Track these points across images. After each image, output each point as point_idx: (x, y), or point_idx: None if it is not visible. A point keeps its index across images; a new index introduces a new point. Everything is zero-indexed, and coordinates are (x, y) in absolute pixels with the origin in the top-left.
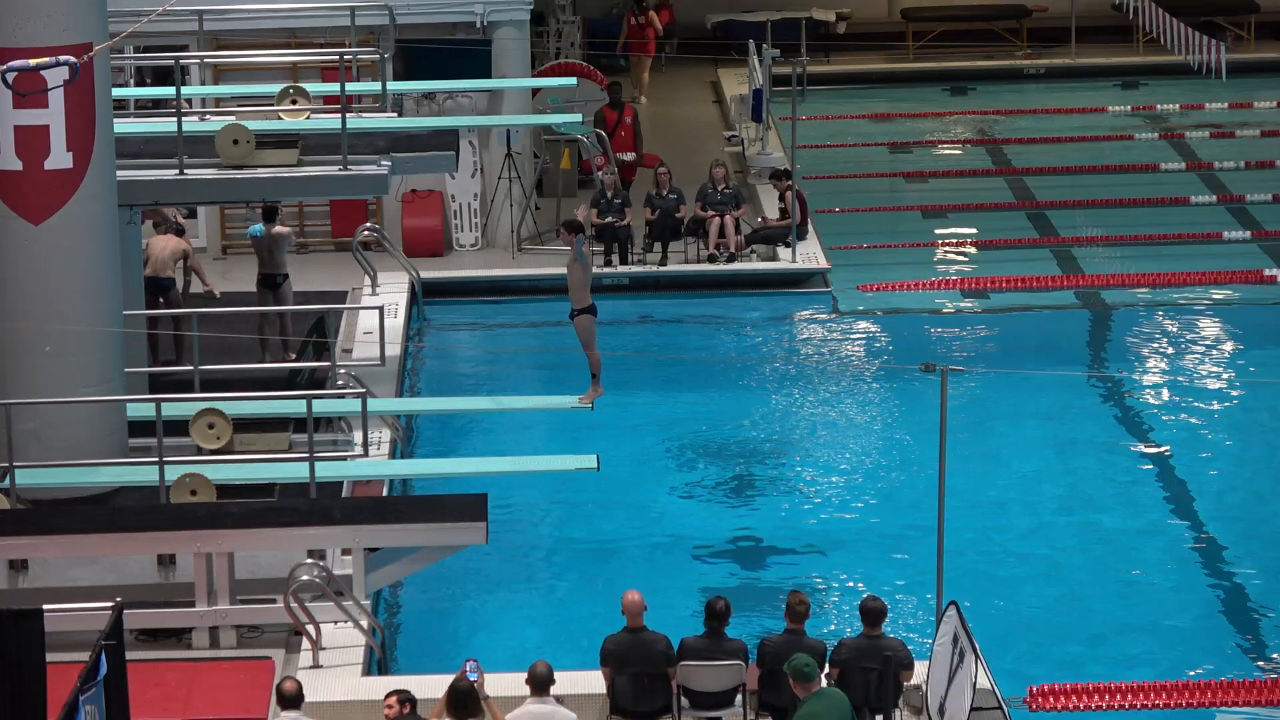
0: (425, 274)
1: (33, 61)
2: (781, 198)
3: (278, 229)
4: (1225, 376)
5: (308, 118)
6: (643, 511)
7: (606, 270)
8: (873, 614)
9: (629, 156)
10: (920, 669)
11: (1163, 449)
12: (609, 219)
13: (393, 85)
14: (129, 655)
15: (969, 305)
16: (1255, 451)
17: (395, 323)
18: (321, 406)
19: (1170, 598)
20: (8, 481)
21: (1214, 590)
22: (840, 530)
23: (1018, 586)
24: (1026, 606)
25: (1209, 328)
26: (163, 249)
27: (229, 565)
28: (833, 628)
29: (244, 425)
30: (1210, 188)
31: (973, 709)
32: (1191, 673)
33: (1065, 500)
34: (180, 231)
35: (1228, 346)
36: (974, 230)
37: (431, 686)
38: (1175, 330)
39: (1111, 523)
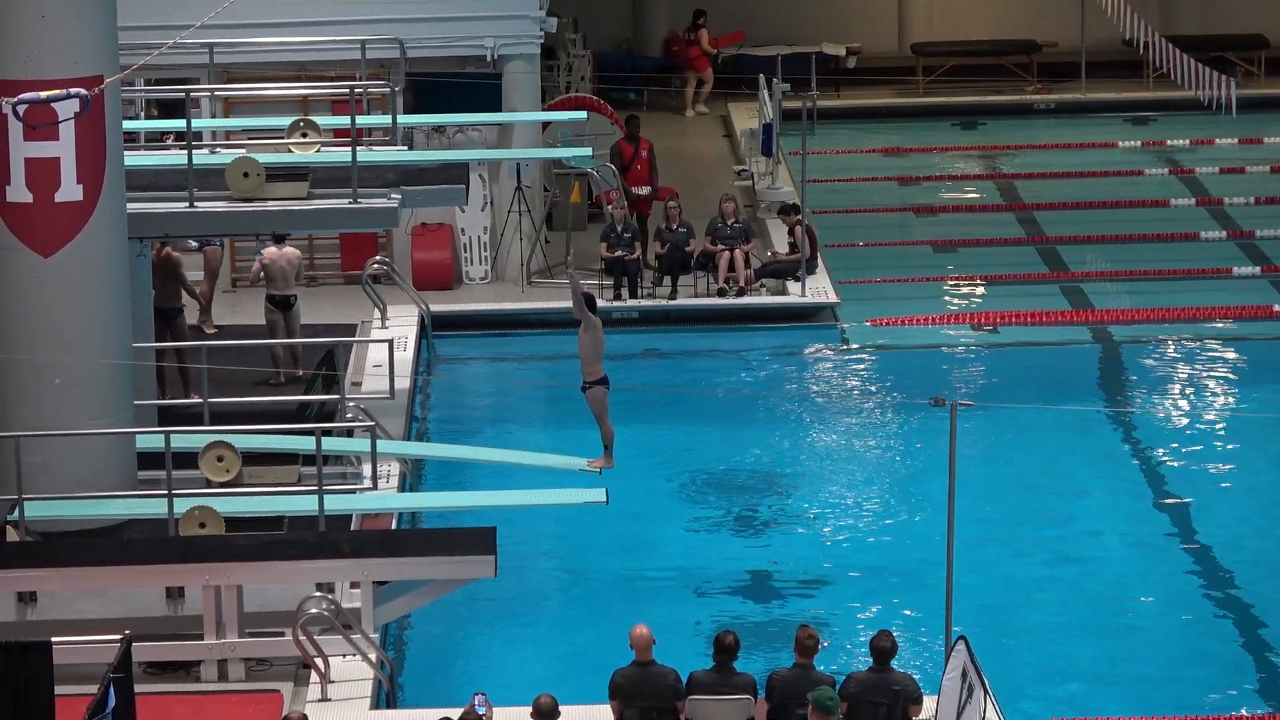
0: (435, 307)
1: (43, 94)
2: (791, 232)
3: (290, 249)
4: (1235, 412)
5: (318, 151)
6: (651, 545)
7: (616, 304)
8: (882, 652)
9: (645, 190)
10: (929, 704)
11: (1173, 485)
12: (619, 253)
13: (403, 119)
14: (137, 688)
15: (978, 340)
16: (1266, 487)
17: (405, 356)
18: (330, 444)
19: (1180, 634)
20: (17, 513)
21: (1224, 627)
22: (849, 564)
23: (1027, 621)
24: (1036, 641)
25: (1219, 363)
26: (167, 257)
27: (237, 598)
28: (842, 660)
29: (253, 458)
30: (1220, 223)
31: None
32: (1200, 709)
33: (1074, 536)
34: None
35: (1238, 382)
36: (983, 265)
37: None
38: (1185, 366)
39: (1121, 559)
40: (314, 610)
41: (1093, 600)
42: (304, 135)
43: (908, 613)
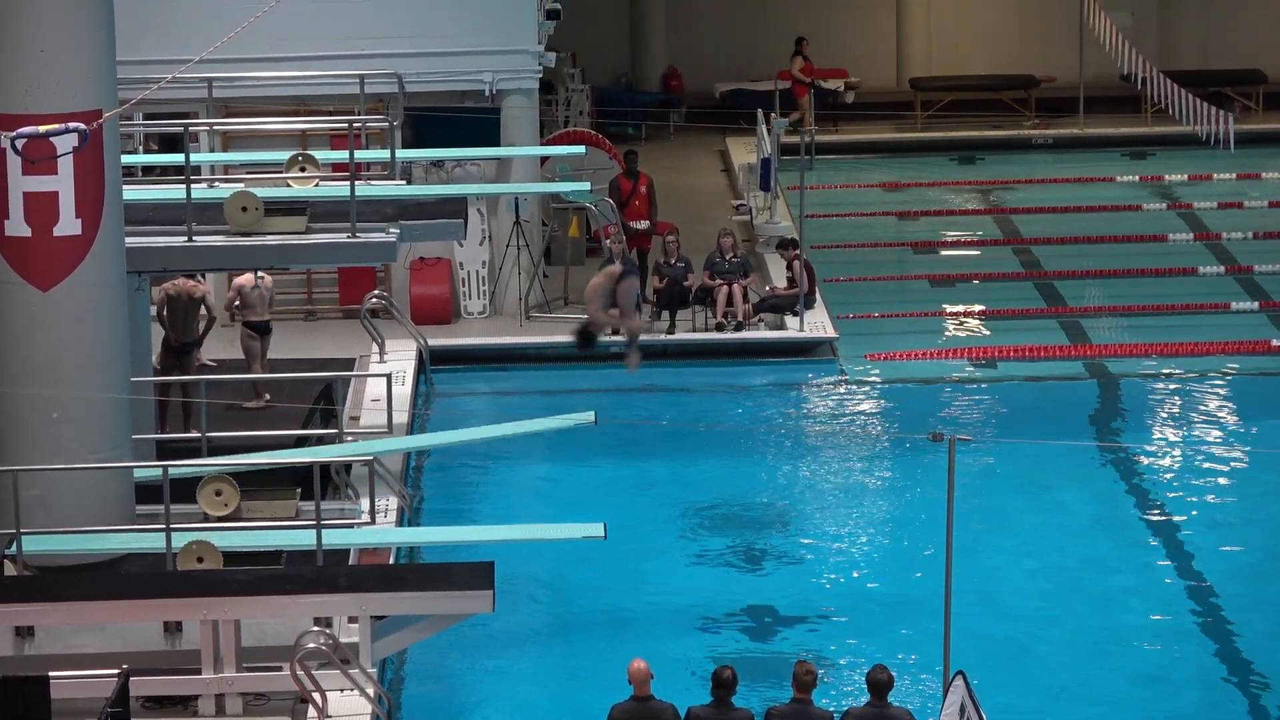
0: (433, 341)
1: (42, 128)
2: (789, 266)
3: (267, 277)
4: (1233, 447)
5: (316, 185)
6: (649, 579)
7: (614, 338)
8: (879, 685)
9: (643, 225)
10: None
11: (1171, 520)
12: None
13: (401, 153)
14: None
15: (977, 375)
16: (1264, 521)
17: (403, 390)
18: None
19: (1178, 670)
20: (14, 548)
21: (1222, 663)
22: (847, 599)
23: (1026, 657)
24: (1034, 677)
25: (1217, 398)
26: (192, 291)
27: (235, 633)
28: (840, 695)
29: (251, 492)
30: (1218, 258)
31: None
32: None
33: (1073, 571)
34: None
35: (1236, 417)
36: (981, 300)
37: None
38: (1183, 401)
39: (1120, 594)
40: (312, 645)
41: (1092, 636)
42: (302, 169)
43: (906, 648)
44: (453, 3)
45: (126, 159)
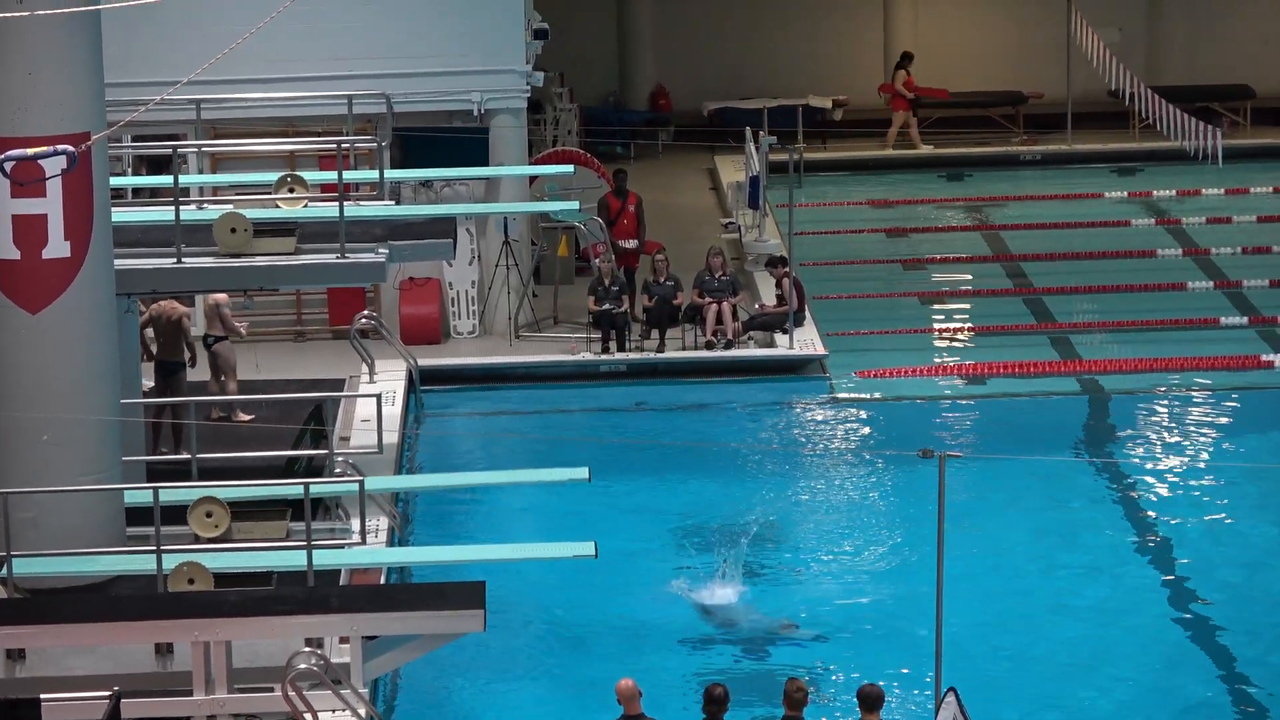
0: (423, 361)
1: (30, 150)
2: (778, 284)
3: (223, 296)
4: (1224, 462)
5: (305, 206)
6: (640, 597)
7: (604, 357)
8: (870, 700)
9: (631, 244)
10: None
11: (1162, 535)
12: (606, 306)
13: (390, 173)
14: None
15: (967, 391)
16: (1254, 537)
17: (393, 410)
18: (318, 490)
19: (1170, 687)
20: (5, 570)
21: (1214, 679)
22: (838, 616)
23: (1016, 673)
24: (1025, 692)
25: (1207, 413)
26: (170, 313)
27: (226, 654)
28: (832, 712)
29: (241, 513)
30: (1207, 273)
31: None
32: None
33: (1064, 587)
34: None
35: (1226, 432)
36: (971, 316)
37: None
38: (1173, 416)
39: (1111, 610)
40: (303, 665)
41: (1082, 652)
42: (291, 190)
43: (897, 664)
44: (441, 23)
45: (115, 181)
